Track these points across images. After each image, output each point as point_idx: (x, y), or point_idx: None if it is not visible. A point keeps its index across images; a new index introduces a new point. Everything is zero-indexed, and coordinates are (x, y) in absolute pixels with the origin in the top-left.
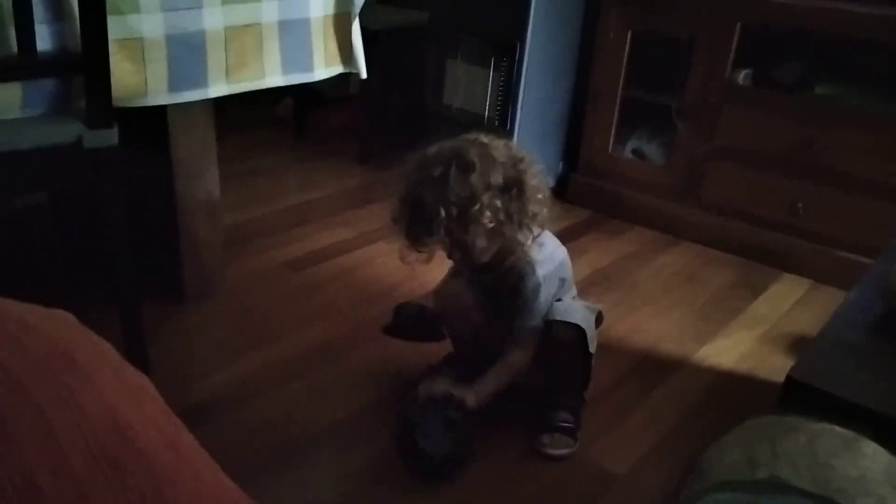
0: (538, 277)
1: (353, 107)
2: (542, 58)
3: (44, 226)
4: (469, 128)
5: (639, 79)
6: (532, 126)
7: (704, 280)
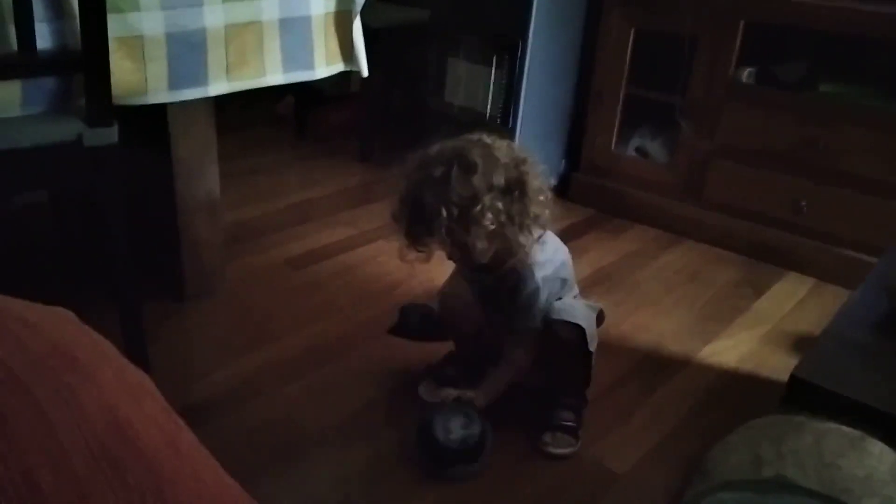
0: (537, 280)
1: (354, 105)
2: (544, 56)
3: (44, 224)
4: (470, 126)
5: (641, 77)
6: (534, 124)
7: (707, 279)
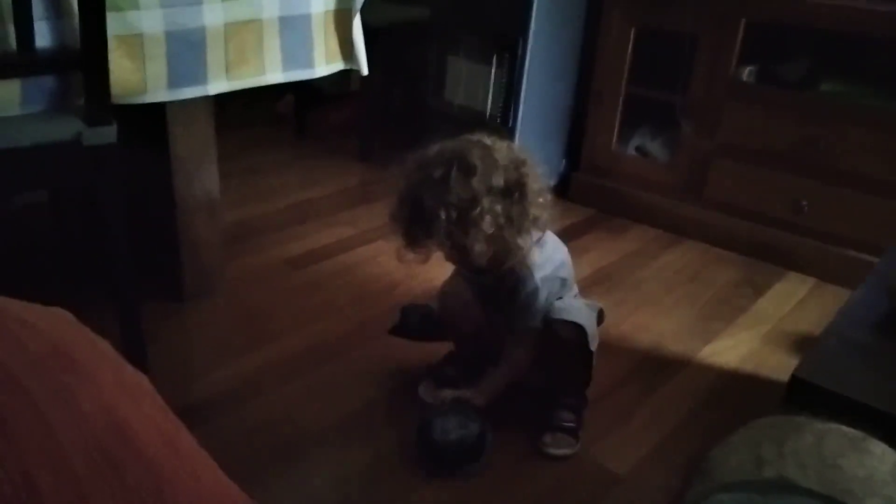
0: (536, 281)
1: (354, 104)
2: (544, 55)
3: (43, 224)
4: (471, 125)
5: (642, 76)
6: (534, 123)
7: (708, 279)
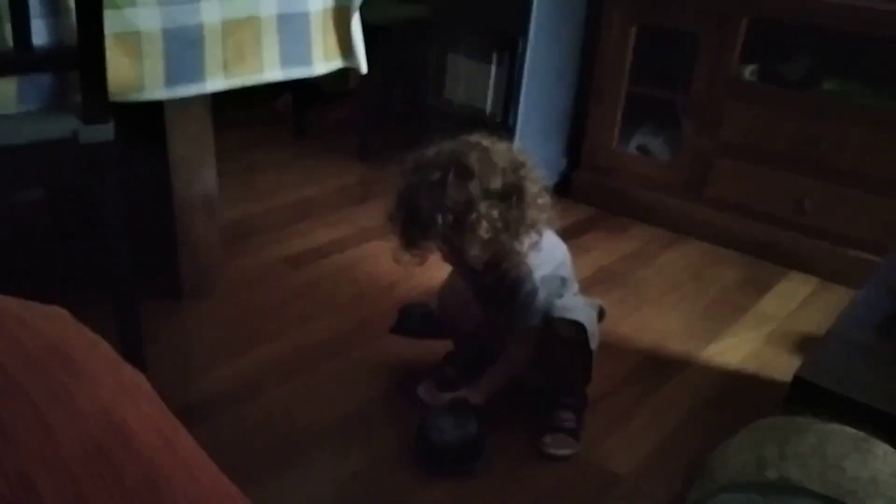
0: (535, 281)
1: (353, 102)
2: (545, 53)
3: (41, 222)
4: (470, 124)
5: (643, 74)
6: (534, 122)
7: (710, 278)
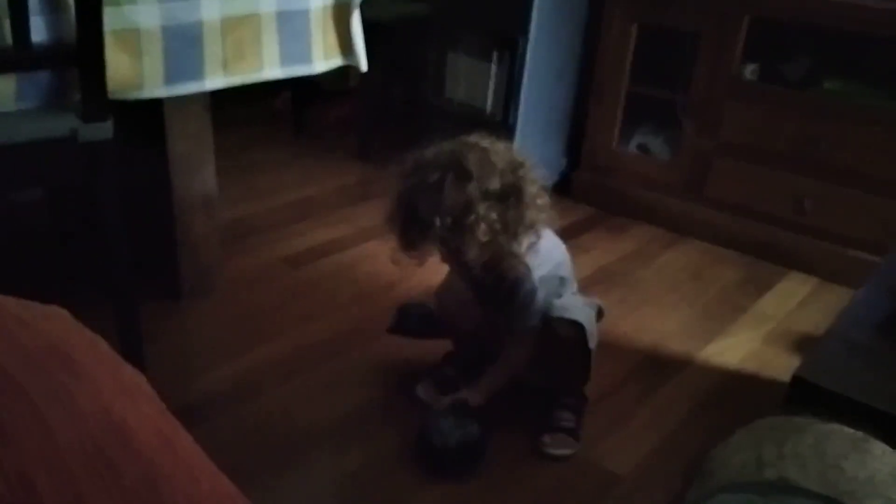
0: (534, 281)
1: (353, 101)
2: (545, 52)
3: (40, 222)
4: (470, 123)
5: (644, 73)
6: (534, 121)
7: (709, 278)
